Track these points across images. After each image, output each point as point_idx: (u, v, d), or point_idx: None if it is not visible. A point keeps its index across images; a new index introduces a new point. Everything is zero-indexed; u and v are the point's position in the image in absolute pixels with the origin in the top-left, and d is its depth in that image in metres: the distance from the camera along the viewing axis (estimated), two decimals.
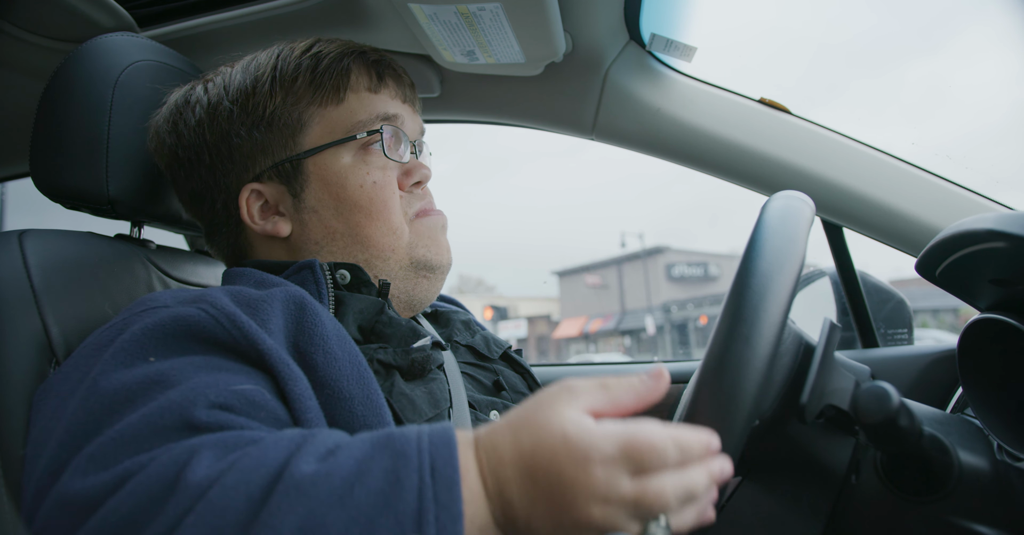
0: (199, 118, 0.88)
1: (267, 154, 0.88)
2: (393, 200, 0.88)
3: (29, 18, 1.08)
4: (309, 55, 0.89)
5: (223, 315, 0.65)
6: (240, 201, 0.88)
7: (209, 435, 0.52)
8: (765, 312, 0.55)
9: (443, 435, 0.50)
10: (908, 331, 1.33)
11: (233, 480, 0.46)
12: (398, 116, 0.92)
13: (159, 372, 0.58)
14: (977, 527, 0.68)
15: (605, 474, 0.46)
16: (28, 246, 0.78)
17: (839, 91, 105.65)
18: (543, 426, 0.49)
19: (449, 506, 0.45)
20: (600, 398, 0.51)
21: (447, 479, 0.47)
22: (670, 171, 70.74)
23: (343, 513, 0.44)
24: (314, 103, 0.88)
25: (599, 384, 0.52)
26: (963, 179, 1.19)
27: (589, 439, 0.47)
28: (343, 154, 0.88)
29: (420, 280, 0.91)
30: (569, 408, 0.49)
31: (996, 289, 0.78)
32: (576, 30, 1.18)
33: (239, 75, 0.89)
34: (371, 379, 0.69)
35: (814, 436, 0.73)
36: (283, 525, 0.43)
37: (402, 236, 0.89)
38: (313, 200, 0.87)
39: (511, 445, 0.49)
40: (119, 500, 0.47)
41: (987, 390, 0.80)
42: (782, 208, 0.65)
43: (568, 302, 38.84)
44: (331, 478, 0.46)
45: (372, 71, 0.92)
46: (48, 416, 0.61)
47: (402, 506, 0.45)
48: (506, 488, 0.49)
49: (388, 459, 0.48)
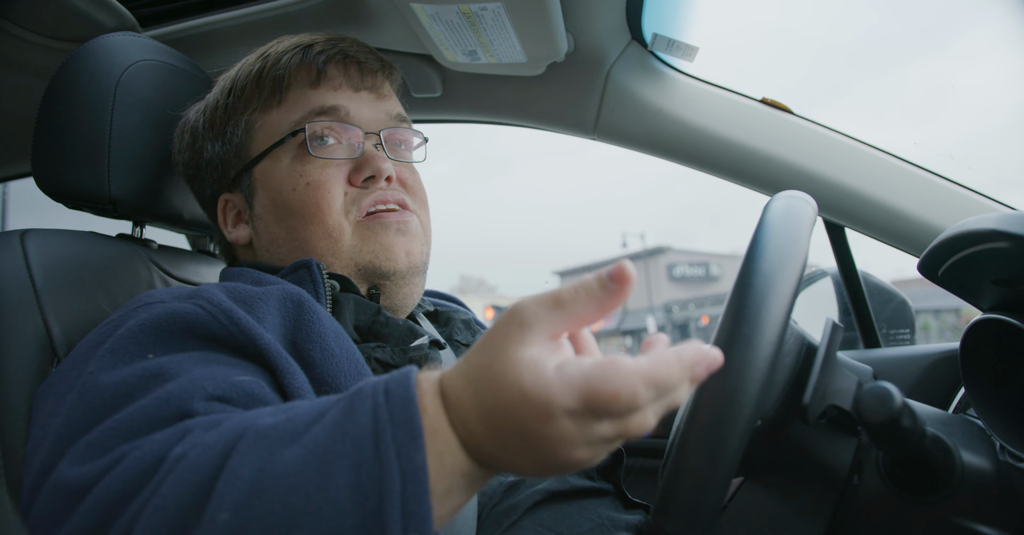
0: (187, 141, 0.94)
1: (227, 166, 0.91)
2: (327, 200, 0.84)
3: (31, 18, 1.08)
4: (260, 57, 0.89)
5: (219, 311, 0.65)
6: (218, 210, 0.93)
7: (202, 417, 0.53)
8: (767, 312, 0.55)
9: (402, 371, 0.47)
10: (910, 331, 1.33)
11: (211, 439, 0.47)
12: (338, 107, 0.87)
13: (157, 366, 0.59)
14: (979, 527, 0.67)
15: (574, 424, 0.42)
16: (30, 246, 0.79)
17: (841, 92, 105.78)
18: (500, 380, 0.43)
19: (406, 423, 0.43)
20: (556, 319, 0.44)
21: (402, 398, 0.44)
22: (672, 171, 70.80)
23: (299, 448, 0.43)
24: (259, 108, 0.89)
25: (552, 302, 0.44)
26: (965, 179, 1.18)
27: (547, 393, 0.42)
28: (281, 158, 0.87)
29: (380, 285, 0.87)
30: (524, 348, 0.43)
31: (998, 289, 0.78)
32: (578, 30, 1.18)
33: (215, 89, 0.93)
34: (368, 376, 0.69)
35: (816, 436, 0.73)
36: (243, 467, 0.43)
37: (341, 238, 0.84)
38: (260, 207, 0.89)
39: (473, 402, 0.44)
40: (113, 477, 0.48)
41: (989, 390, 0.79)
42: (784, 208, 0.65)
43: None
44: (291, 422, 0.46)
45: (312, 64, 0.87)
46: (47, 413, 0.61)
47: (356, 430, 0.43)
48: (479, 440, 0.45)
49: (346, 399, 0.46)
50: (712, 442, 0.54)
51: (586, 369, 0.42)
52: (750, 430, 0.54)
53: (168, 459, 0.47)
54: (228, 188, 0.92)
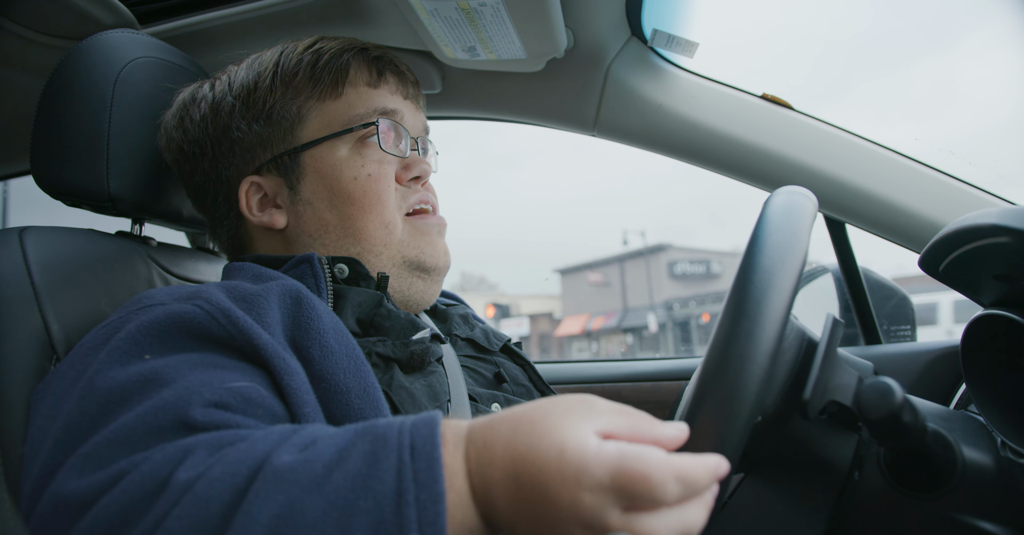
0: (203, 113, 0.90)
1: (266, 147, 0.89)
2: (387, 193, 0.88)
3: (29, 15, 1.08)
4: (311, 51, 0.90)
5: (218, 311, 0.65)
6: (240, 193, 0.90)
7: (204, 434, 0.52)
8: (767, 308, 0.55)
9: (426, 417, 0.48)
10: (911, 327, 1.32)
11: (219, 472, 0.46)
12: (397, 111, 0.92)
13: (154, 370, 0.58)
14: (980, 523, 0.67)
15: (592, 501, 0.43)
16: (29, 243, 0.78)
17: (847, 90, 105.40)
18: (545, 431, 0.45)
19: (429, 486, 0.43)
20: (619, 423, 0.47)
21: (427, 458, 0.44)
22: (673, 168, 70.73)
23: (320, 498, 0.43)
24: (313, 97, 0.89)
25: (620, 407, 0.48)
26: (967, 175, 1.18)
27: (583, 458, 0.43)
28: (339, 147, 0.88)
29: (415, 280, 0.90)
30: (582, 422, 0.45)
31: (1000, 285, 0.78)
32: (577, 26, 1.17)
33: (243, 72, 0.91)
34: (368, 372, 0.69)
35: (817, 432, 0.73)
36: (262, 513, 0.43)
37: (394, 230, 0.88)
38: (308, 192, 0.88)
39: (505, 443, 0.46)
40: (112, 498, 0.47)
41: (991, 386, 0.79)
42: (784, 204, 0.64)
43: (570, 300, 38.85)
44: (311, 465, 0.45)
45: (372, 67, 0.92)
46: (45, 415, 0.61)
47: (380, 487, 0.43)
48: (492, 491, 0.46)
49: (368, 443, 0.46)
50: (712, 438, 0.54)
51: (625, 448, 0.44)
52: (750, 426, 0.54)
53: (171, 485, 0.46)
54: (257, 170, 0.90)
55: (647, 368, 1.46)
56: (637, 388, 1.43)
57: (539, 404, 0.49)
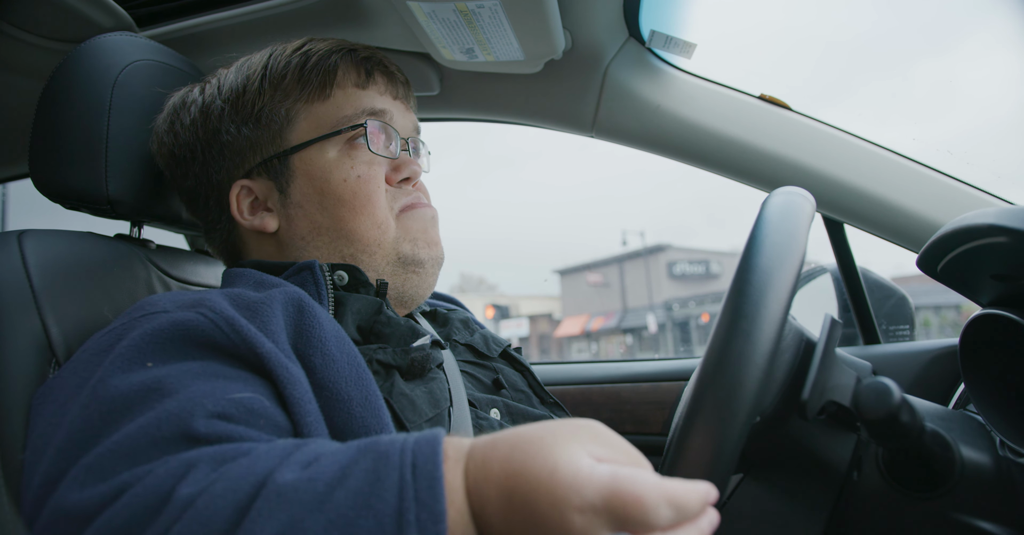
0: (193, 117, 0.91)
1: (255, 150, 0.89)
2: (378, 194, 0.88)
3: (27, 18, 1.08)
4: (299, 53, 0.91)
5: (222, 319, 0.64)
6: (230, 197, 0.90)
7: (207, 448, 0.52)
8: (766, 308, 0.55)
9: (428, 435, 0.48)
10: (910, 327, 1.33)
11: (221, 489, 0.46)
12: (386, 111, 0.92)
13: (156, 379, 0.58)
14: (979, 523, 0.67)
15: (582, 522, 0.42)
16: (27, 246, 0.78)
17: (847, 92, 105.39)
18: (540, 451, 0.45)
19: (431, 505, 0.43)
20: (619, 448, 0.47)
21: (429, 477, 0.44)
22: (672, 169, 70.65)
23: (322, 517, 0.43)
24: (301, 99, 0.89)
25: (623, 443, 0.48)
26: (964, 175, 1.18)
27: (574, 480, 0.43)
28: (328, 149, 0.88)
29: (409, 275, 0.90)
30: (580, 443, 0.45)
31: (998, 284, 0.78)
32: (575, 27, 1.18)
33: (232, 75, 0.92)
34: (370, 380, 0.68)
35: (815, 433, 0.73)
36: (264, 531, 0.43)
37: (387, 230, 0.88)
38: (298, 195, 0.88)
39: (502, 461, 0.46)
40: (114, 512, 0.47)
41: (989, 386, 0.79)
42: (782, 204, 0.64)
43: (570, 300, 38.85)
44: (313, 483, 0.45)
45: (360, 68, 0.92)
46: (47, 421, 0.61)
47: (381, 506, 0.43)
48: (487, 508, 0.46)
49: (370, 461, 0.46)
50: (711, 439, 0.54)
51: (618, 470, 0.43)
52: (749, 426, 0.54)
53: (174, 500, 0.46)
54: (247, 174, 0.90)
55: (646, 369, 1.46)
56: (636, 389, 1.43)
57: (543, 425, 0.48)
